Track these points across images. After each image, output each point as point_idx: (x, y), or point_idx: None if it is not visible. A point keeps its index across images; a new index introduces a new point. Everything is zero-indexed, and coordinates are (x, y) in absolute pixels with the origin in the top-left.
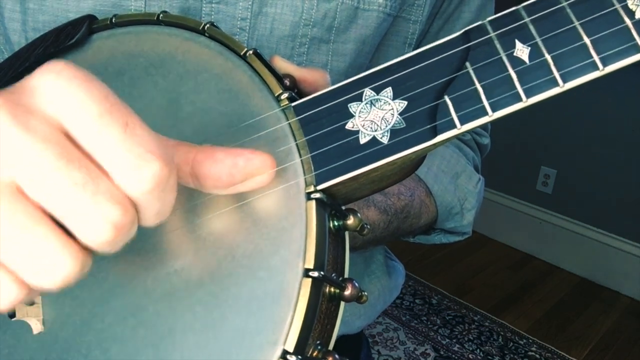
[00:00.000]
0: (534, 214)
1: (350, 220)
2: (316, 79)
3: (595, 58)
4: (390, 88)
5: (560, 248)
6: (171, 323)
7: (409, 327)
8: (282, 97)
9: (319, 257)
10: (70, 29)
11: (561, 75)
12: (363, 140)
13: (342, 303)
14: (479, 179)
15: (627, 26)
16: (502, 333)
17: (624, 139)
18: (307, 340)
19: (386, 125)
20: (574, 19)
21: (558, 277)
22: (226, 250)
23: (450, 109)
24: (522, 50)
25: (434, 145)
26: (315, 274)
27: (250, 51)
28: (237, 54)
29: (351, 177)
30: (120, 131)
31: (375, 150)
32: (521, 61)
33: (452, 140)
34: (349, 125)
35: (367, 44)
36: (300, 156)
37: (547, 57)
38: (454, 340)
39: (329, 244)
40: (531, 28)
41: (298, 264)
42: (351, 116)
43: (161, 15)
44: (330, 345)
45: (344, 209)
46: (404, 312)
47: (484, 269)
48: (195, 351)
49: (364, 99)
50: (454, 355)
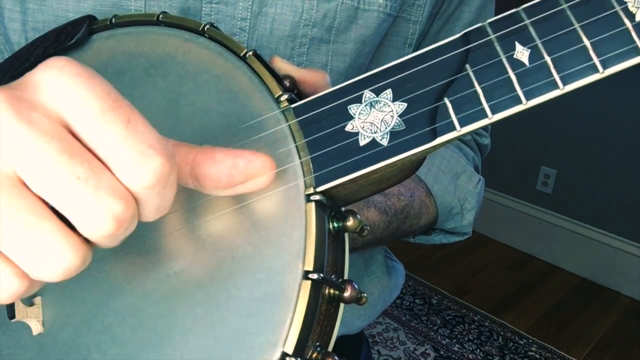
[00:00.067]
0: (534, 214)
1: (350, 222)
2: (316, 80)
3: (596, 60)
4: (390, 90)
5: (560, 248)
6: (171, 324)
7: (409, 327)
8: (282, 99)
9: (318, 259)
10: (70, 29)
11: (561, 77)
12: (363, 142)
13: (342, 305)
14: (479, 180)
15: (627, 28)
16: (502, 333)
17: (624, 139)
18: (307, 341)
19: (386, 127)
20: (574, 21)
21: (558, 277)
22: (226, 252)
23: (450, 111)
24: (522, 53)
25: (433, 147)
26: (314, 276)
27: (250, 52)
28: (237, 55)
29: (351, 179)
30: (123, 127)
31: (374, 152)
32: (521, 63)
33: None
34: (348, 127)
35: (367, 44)
36: (300, 158)
37: (547, 60)
38: (454, 340)
39: (329, 245)
40: (531, 30)
41: (297, 266)
42: (351, 118)
43: (161, 15)
44: (330, 347)
45: (343, 210)
46: (404, 312)
47: (484, 269)
48: (194, 352)
49: (363, 101)
50: (454, 355)
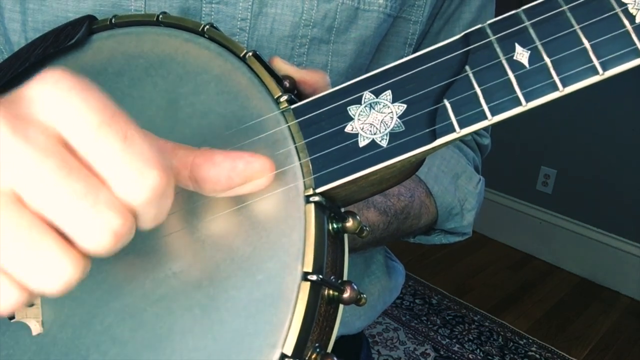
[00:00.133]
0: (534, 214)
1: (350, 223)
2: (316, 80)
3: (595, 62)
4: (389, 91)
5: (560, 248)
6: (170, 325)
7: (409, 327)
8: (282, 100)
9: (317, 261)
10: (70, 29)
11: (561, 79)
12: (362, 143)
13: (341, 306)
14: (479, 180)
15: (628, 30)
16: (502, 333)
17: (624, 139)
18: (306, 343)
19: (385, 129)
20: (574, 23)
21: (558, 277)
22: (225, 253)
23: (450, 112)
24: (522, 54)
25: (433, 149)
26: (313, 277)
27: (250, 53)
28: (237, 56)
29: (350, 180)
30: (120, 142)
31: (374, 153)
32: (521, 65)
33: None
34: (348, 128)
35: (367, 45)
36: (299, 159)
37: (547, 61)
38: (454, 340)
39: (328, 246)
40: (531, 32)
41: (297, 267)
42: (350, 119)
43: (161, 16)
44: (329, 348)
45: (343, 211)
46: (404, 312)
47: (484, 269)
48: (194, 353)
49: (363, 102)
50: (454, 355)
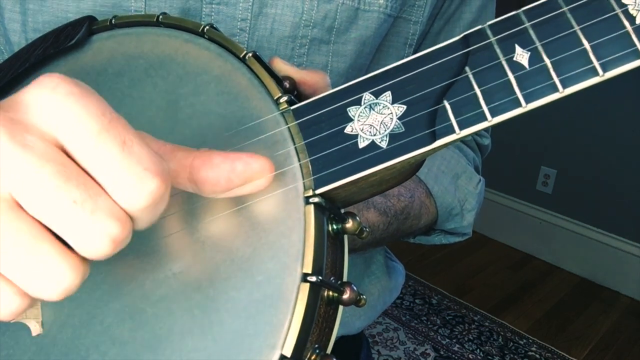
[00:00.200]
0: (534, 214)
1: (349, 224)
2: (316, 81)
3: (596, 63)
4: (389, 92)
5: (560, 248)
6: (170, 326)
7: (409, 327)
8: (281, 101)
9: (317, 262)
10: (70, 29)
11: (561, 80)
12: (362, 144)
13: (341, 307)
14: (480, 180)
15: (628, 31)
16: (502, 333)
17: (624, 139)
18: (305, 344)
19: (385, 130)
20: (574, 24)
21: (558, 277)
22: (225, 254)
23: (450, 113)
24: (522, 55)
25: (432, 150)
26: (313, 278)
27: (250, 54)
28: (237, 57)
29: (350, 182)
30: (118, 148)
31: (374, 154)
32: (521, 66)
33: None
34: (347, 129)
35: (368, 45)
36: (299, 160)
37: (547, 62)
38: (454, 340)
39: (328, 247)
40: (531, 33)
41: (296, 269)
42: (350, 120)
43: (161, 16)
44: (329, 349)
45: (342, 212)
46: (404, 312)
47: (484, 269)
48: (193, 354)
49: (363, 103)
50: (454, 355)
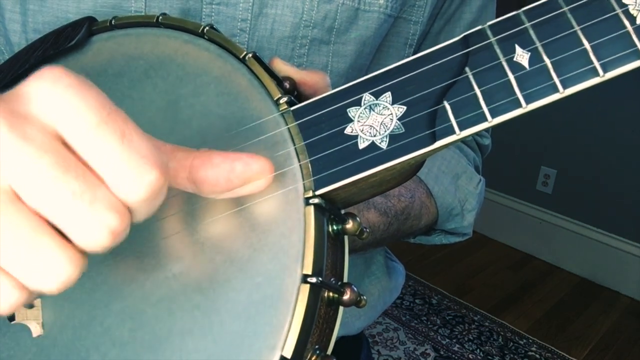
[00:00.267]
0: (534, 214)
1: (350, 225)
2: (316, 81)
3: (596, 64)
4: (389, 93)
5: (560, 248)
6: (170, 327)
7: (409, 327)
8: (281, 101)
9: (317, 263)
10: (70, 30)
11: (561, 81)
12: (362, 145)
13: (341, 308)
14: (480, 180)
15: (628, 31)
16: (502, 333)
17: (624, 139)
18: (305, 345)
19: (385, 131)
20: (574, 24)
21: (558, 277)
22: (224, 255)
23: (450, 114)
24: (522, 56)
25: (432, 150)
26: (313, 279)
27: (250, 54)
28: (236, 57)
29: (350, 182)
30: (117, 140)
31: (374, 155)
32: (521, 66)
33: None
34: (347, 130)
35: (368, 45)
36: (299, 161)
37: (547, 63)
38: (454, 340)
39: (328, 248)
40: (531, 33)
41: (296, 270)
42: (350, 121)
43: (160, 17)
44: (329, 350)
45: (343, 213)
46: (404, 312)
47: (484, 269)
48: (193, 355)
49: (363, 104)
50: (454, 355)
